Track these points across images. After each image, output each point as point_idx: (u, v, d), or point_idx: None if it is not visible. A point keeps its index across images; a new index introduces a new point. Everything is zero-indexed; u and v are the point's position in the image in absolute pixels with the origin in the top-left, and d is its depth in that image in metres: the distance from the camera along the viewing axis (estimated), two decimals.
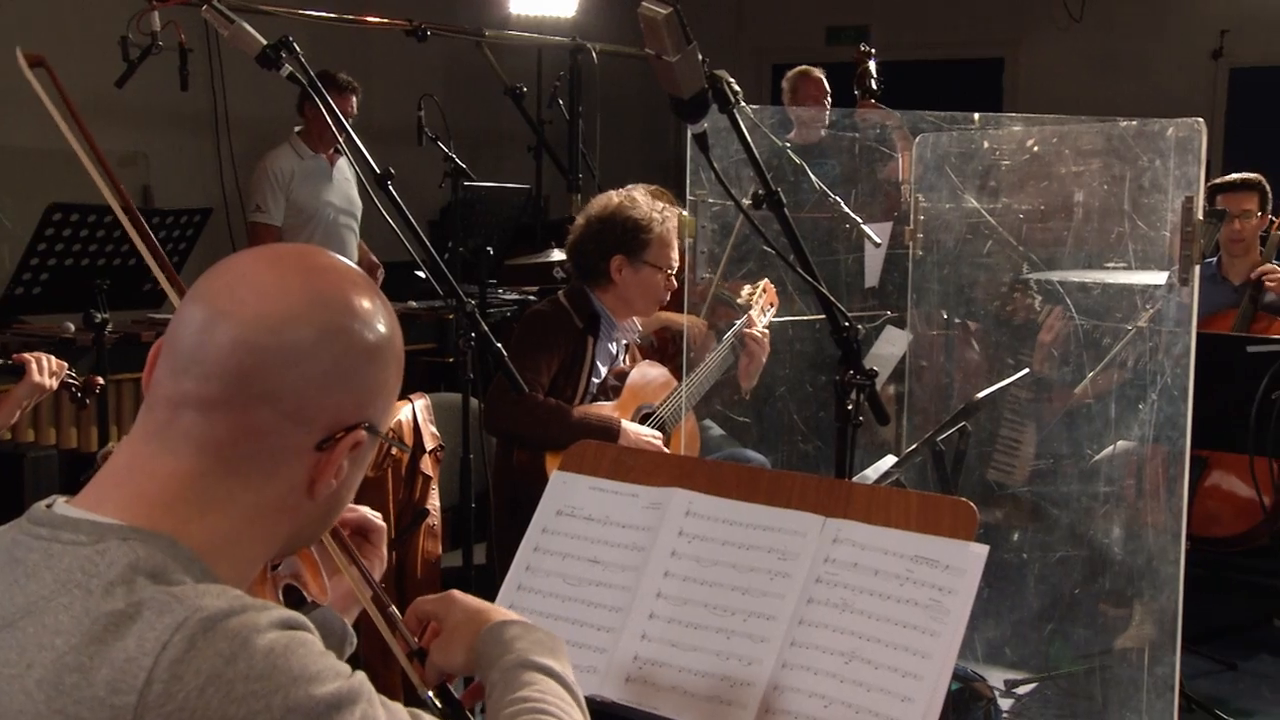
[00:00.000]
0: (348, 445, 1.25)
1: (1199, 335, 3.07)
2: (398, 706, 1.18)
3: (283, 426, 1.21)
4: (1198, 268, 3.04)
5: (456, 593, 1.51)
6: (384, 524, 1.67)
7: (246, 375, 1.19)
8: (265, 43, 2.84)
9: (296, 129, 5.57)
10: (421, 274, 3.04)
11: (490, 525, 3.42)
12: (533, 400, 3.34)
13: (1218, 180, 4.80)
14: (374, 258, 5.84)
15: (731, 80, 2.23)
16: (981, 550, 1.67)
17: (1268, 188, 4.77)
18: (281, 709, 1.07)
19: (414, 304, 5.49)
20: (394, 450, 3.09)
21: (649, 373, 3.72)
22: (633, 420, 3.58)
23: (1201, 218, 3.00)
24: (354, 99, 5.46)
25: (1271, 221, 4.81)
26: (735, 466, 1.95)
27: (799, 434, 4.24)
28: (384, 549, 1.65)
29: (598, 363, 3.59)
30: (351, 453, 1.26)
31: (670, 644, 1.73)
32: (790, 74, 5.99)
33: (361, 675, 1.15)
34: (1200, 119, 3.08)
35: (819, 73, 5.91)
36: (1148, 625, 3.44)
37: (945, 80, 10.09)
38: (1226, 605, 4.87)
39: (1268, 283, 4.60)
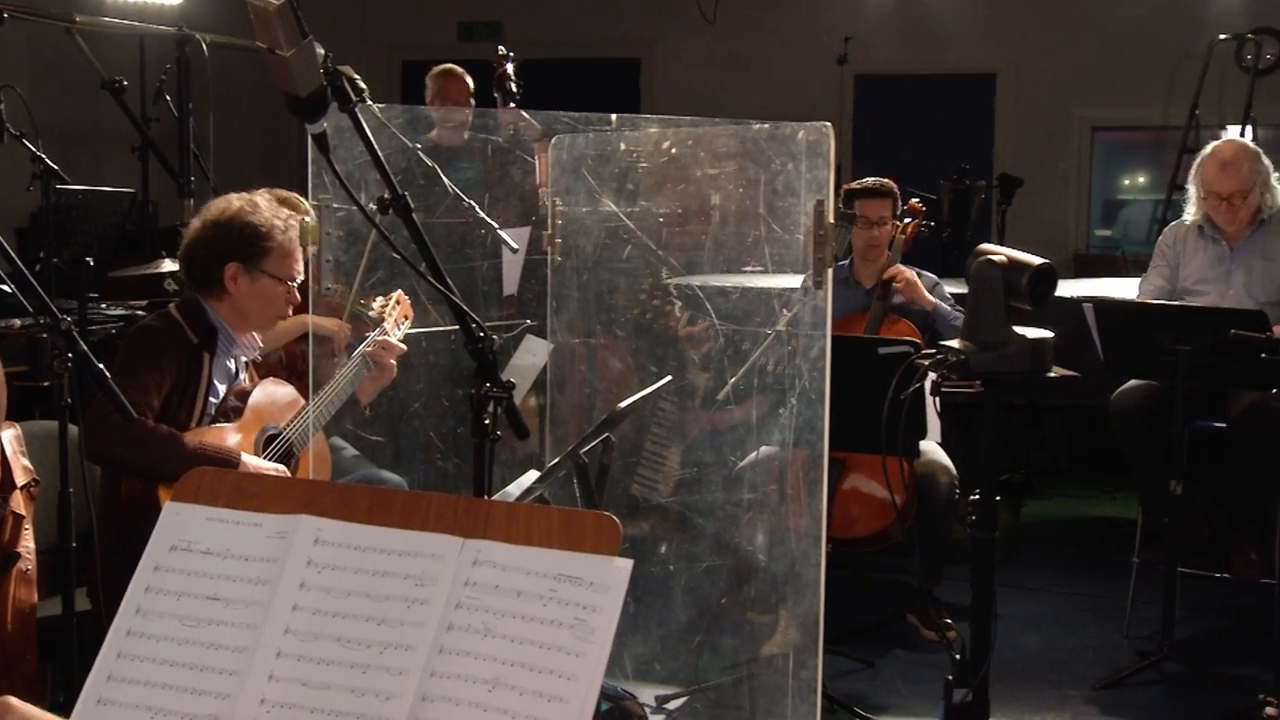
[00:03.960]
0: None
1: (833, 338, 3.26)
2: None
3: None
4: (831, 271, 3.22)
5: (12, 701, 1.35)
6: None
7: None
8: None
9: None
10: (7, 288, 2.84)
11: (95, 567, 3.24)
12: (140, 426, 3.18)
13: (854, 185, 5.10)
14: None
15: (356, 77, 2.20)
16: (625, 565, 1.71)
17: (899, 195, 5.12)
18: None
19: None
20: None
21: (274, 391, 3.61)
22: (258, 442, 3.47)
23: (833, 221, 3.18)
24: None
25: (896, 225, 5.16)
26: (367, 489, 1.92)
27: (436, 451, 4.23)
28: None
29: (215, 381, 3.46)
30: None
31: (301, 683, 1.69)
32: (433, 72, 5.98)
33: None
34: (828, 123, 3.27)
35: (461, 71, 5.91)
36: (792, 630, 3.62)
37: (582, 80, 10.32)
38: (863, 604, 5.20)
39: (896, 285, 4.94)
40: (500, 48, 5.57)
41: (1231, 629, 5.08)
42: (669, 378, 3.84)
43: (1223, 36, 8.49)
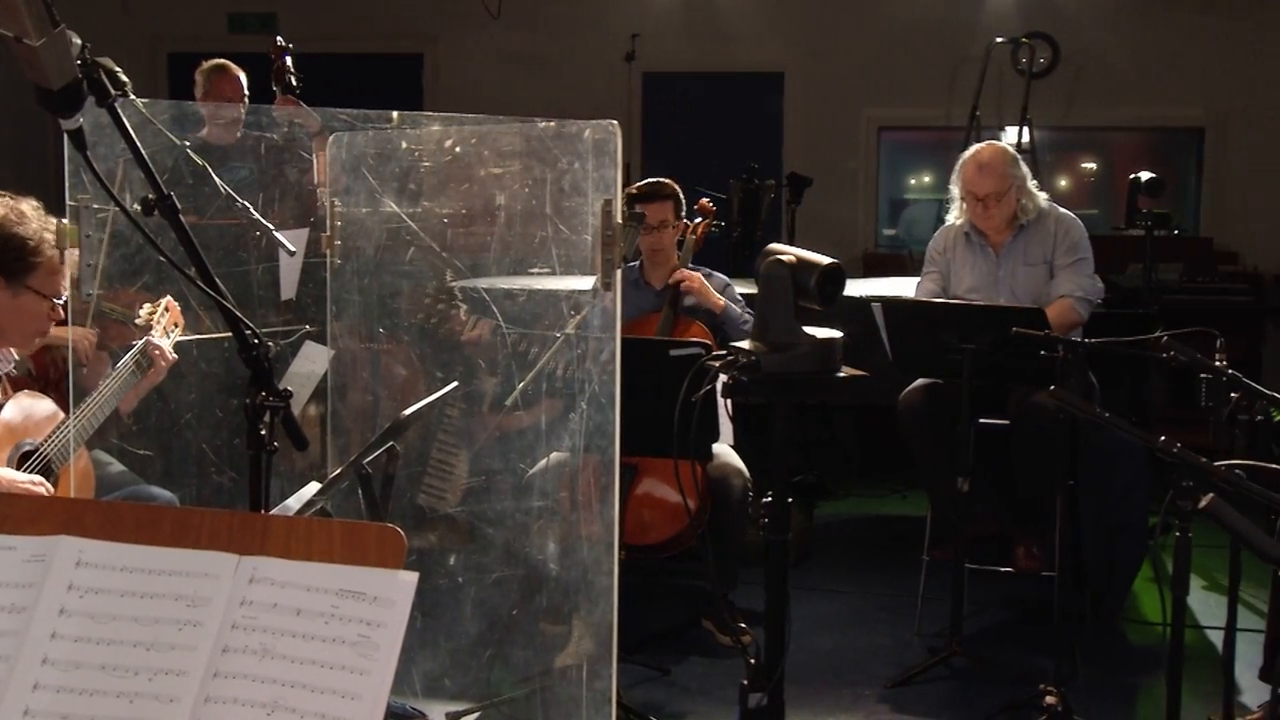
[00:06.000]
0: None
1: (624, 340, 3.29)
2: None
3: None
4: (620, 272, 3.25)
5: None
6: None
7: None
8: None
9: None
10: None
11: None
12: None
13: (634, 189, 5.16)
14: None
15: (118, 70, 2.14)
16: (411, 578, 1.70)
17: (681, 195, 5.19)
18: None
19: None
20: None
21: (30, 405, 3.47)
22: (11, 461, 3.33)
23: (621, 221, 3.21)
24: None
25: (686, 225, 5.24)
26: (134, 506, 1.87)
27: (211, 465, 4.12)
28: None
29: None
30: None
31: (61, 717, 1.63)
32: (203, 67, 5.84)
33: None
34: (615, 121, 3.29)
35: (235, 68, 5.79)
36: (586, 640, 3.64)
37: (361, 76, 10.18)
38: (658, 611, 5.26)
39: (682, 287, 5.01)
40: (279, 38, 5.47)
41: (1015, 621, 5.30)
42: (455, 383, 3.83)
43: (999, 40, 8.88)
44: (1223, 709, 3.63)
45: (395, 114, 3.93)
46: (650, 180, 5.21)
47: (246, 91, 5.77)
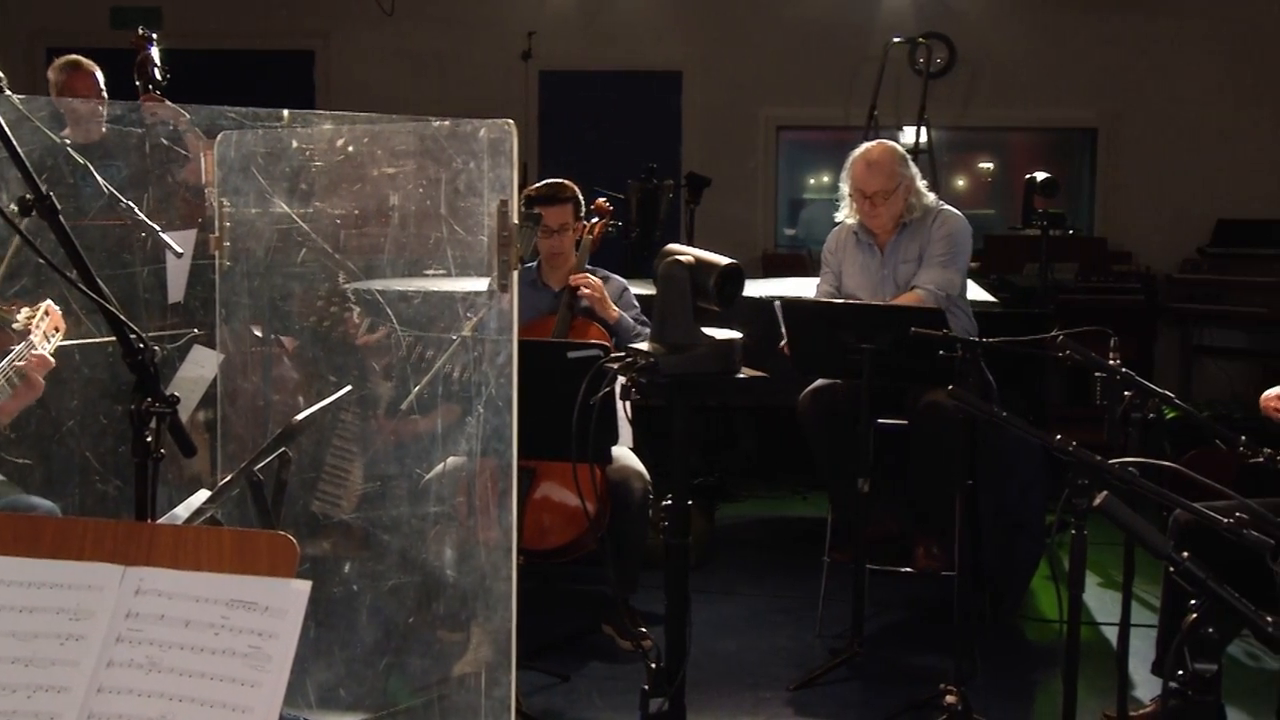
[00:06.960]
0: None
1: (521, 343, 3.28)
2: None
3: None
4: (517, 273, 3.24)
5: None
6: None
7: None
8: None
9: None
10: None
11: None
12: None
13: (533, 191, 5.15)
14: None
15: None
16: (303, 587, 1.68)
17: (580, 196, 5.19)
18: None
19: None
20: None
21: None
22: None
23: (517, 221, 3.20)
24: None
25: (583, 226, 5.24)
26: (13, 517, 1.83)
27: (95, 473, 4.04)
28: None
29: None
30: None
31: None
32: (56, 64, 5.72)
33: None
34: (511, 120, 3.28)
35: (90, 64, 5.67)
36: (485, 647, 3.63)
37: (250, 73, 10.08)
38: (558, 617, 5.26)
39: (581, 290, 5.01)
40: (140, 28, 5.35)
41: (916, 621, 5.38)
42: (349, 388, 3.79)
43: (896, 39, 9.01)
44: (1117, 703, 3.72)
45: (286, 112, 3.88)
46: (549, 182, 5.20)
47: (104, 87, 5.64)
